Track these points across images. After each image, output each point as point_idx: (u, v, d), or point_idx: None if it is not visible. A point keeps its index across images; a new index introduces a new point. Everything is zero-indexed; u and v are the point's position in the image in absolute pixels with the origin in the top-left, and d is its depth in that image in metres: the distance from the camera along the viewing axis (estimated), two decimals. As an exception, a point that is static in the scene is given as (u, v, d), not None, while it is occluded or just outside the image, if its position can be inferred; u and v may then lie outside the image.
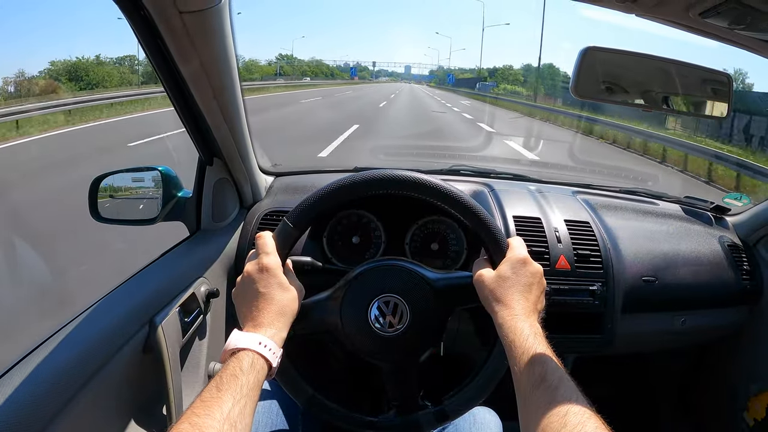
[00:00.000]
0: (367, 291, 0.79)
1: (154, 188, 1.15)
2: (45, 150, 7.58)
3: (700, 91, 0.97)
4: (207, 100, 0.94)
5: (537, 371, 0.62)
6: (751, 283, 1.34)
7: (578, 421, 0.53)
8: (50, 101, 10.61)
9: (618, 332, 1.21)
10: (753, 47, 0.70)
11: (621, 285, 1.21)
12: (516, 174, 1.58)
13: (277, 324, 0.70)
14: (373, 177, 0.80)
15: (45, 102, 10.37)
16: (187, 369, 1.04)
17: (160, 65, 0.85)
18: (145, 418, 0.92)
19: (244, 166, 1.19)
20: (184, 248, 1.13)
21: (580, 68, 0.80)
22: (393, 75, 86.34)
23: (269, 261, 0.74)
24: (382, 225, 1.15)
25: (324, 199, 0.79)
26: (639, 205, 1.46)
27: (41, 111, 9.62)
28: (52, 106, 10.18)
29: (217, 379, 0.60)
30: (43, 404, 0.67)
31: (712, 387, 1.55)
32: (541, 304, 0.77)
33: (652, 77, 0.91)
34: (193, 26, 0.76)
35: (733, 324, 1.38)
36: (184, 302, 0.99)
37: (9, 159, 7.14)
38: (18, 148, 7.74)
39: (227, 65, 0.91)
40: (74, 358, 0.75)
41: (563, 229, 1.23)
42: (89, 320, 0.82)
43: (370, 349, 0.79)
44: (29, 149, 7.74)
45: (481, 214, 0.80)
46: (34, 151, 7.57)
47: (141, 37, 0.78)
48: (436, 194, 0.80)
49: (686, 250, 1.32)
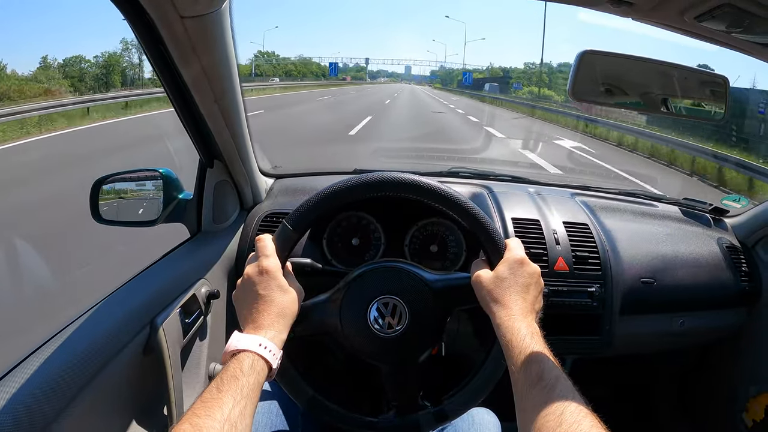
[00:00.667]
0: (366, 292, 0.80)
1: (155, 190, 1.15)
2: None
3: (698, 93, 0.98)
4: (208, 104, 0.95)
5: (534, 370, 0.63)
6: (750, 285, 1.34)
7: (574, 420, 0.54)
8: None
9: (616, 334, 1.21)
10: (749, 50, 0.70)
11: (619, 286, 1.21)
12: (515, 176, 1.59)
13: (277, 326, 0.71)
14: (372, 179, 0.80)
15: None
16: (188, 370, 1.05)
17: (162, 69, 0.86)
18: (146, 418, 0.93)
19: (245, 169, 1.19)
20: (184, 250, 1.14)
21: (578, 71, 0.81)
22: (393, 75, 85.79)
23: (269, 263, 0.75)
24: (381, 227, 1.15)
25: (323, 201, 0.80)
26: (638, 207, 1.46)
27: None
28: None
29: (218, 380, 0.61)
30: (45, 405, 0.67)
31: (710, 388, 1.55)
32: (538, 304, 0.77)
33: (650, 80, 0.92)
34: (195, 31, 0.77)
35: (732, 325, 1.38)
36: (185, 303, 1.00)
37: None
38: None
39: (228, 69, 0.92)
40: (75, 358, 0.75)
41: (562, 231, 1.23)
42: (90, 321, 0.83)
43: (370, 351, 0.80)
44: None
45: (479, 215, 0.80)
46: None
47: (143, 42, 0.79)
48: (434, 196, 0.80)
49: (685, 252, 1.32)
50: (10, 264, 3.46)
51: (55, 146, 8.29)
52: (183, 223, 1.19)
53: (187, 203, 1.17)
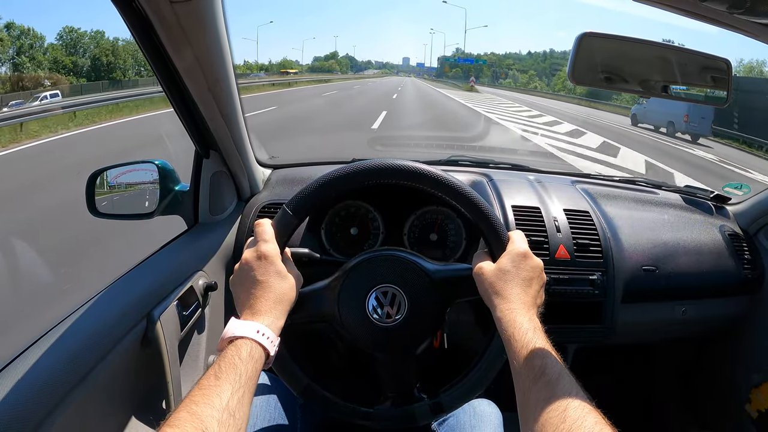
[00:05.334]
0: (365, 281, 0.79)
1: (151, 182, 1.14)
2: None
3: (700, 79, 0.96)
4: (202, 92, 0.94)
5: (536, 365, 0.62)
6: (752, 273, 1.34)
7: (578, 416, 0.53)
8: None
9: (618, 322, 1.20)
10: (752, 32, 0.69)
11: (621, 274, 1.21)
12: (515, 164, 1.58)
13: (274, 312, 0.70)
14: (373, 166, 0.80)
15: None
16: (186, 362, 1.04)
17: (153, 57, 0.85)
18: (145, 411, 0.92)
19: (241, 159, 1.18)
20: (181, 242, 1.13)
21: (577, 55, 0.80)
22: (387, 67, 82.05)
23: (267, 248, 0.74)
24: (380, 216, 1.15)
25: (324, 187, 0.79)
26: (639, 195, 1.45)
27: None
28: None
29: (216, 367, 0.60)
30: (42, 397, 0.67)
31: (713, 378, 1.55)
32: (540, 298, 0.76)
33: (651, 66, 0.91)
34: (185, 16, 0.76)
35: (734, 314, 1.38)
36: (183, 296, 0.99)
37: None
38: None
39: (221, 56, 0.91)
40: (73, 351, 0.75)
41: (562, 218, 1.22)
42: (87, 314, 0.82)
43: (367, 340, 0.79)
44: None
45: (482, 206, 0.79)
46: None
47: (133, 30, 0.78)
48: (436, 185, 0.79)
49: (686, 240, 1.31)
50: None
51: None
52: (180, 215, 1.18)
53: (183, 195, 1.16)
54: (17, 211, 4.59)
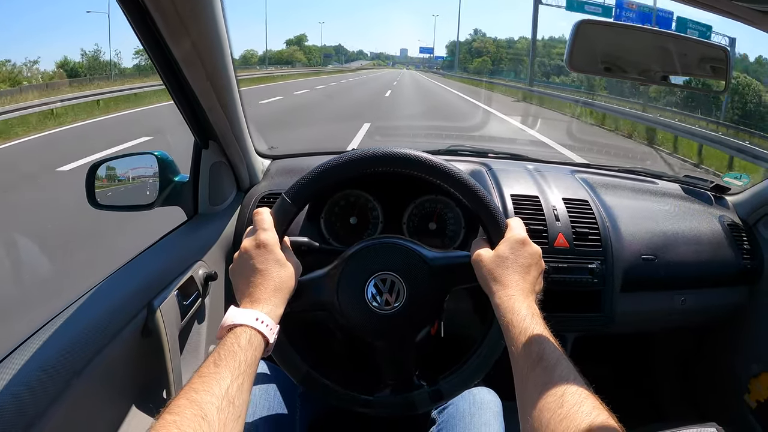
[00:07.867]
0: (363, 269, 0.79)
1: (151, 173, 1.14)
2: None
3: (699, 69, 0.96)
4: (200, 82, 0.94)
5: (534, 351, 0.62)
6: (751, 263, 1.34)
7: (575, 401, 0.53)
8: None
9: (617, 311, 1.21)
10: (750, 19, 0.68)
11: (620, 263, 1.21)
12: (514, 153, 1.58)
13: (273, 300, 0.70)
14: (373, 153, 0.80)
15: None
16: (187, 352, 1.05)
17: (152, 47, 0.84)
18: (146, 401, 0.93)
19: (240, 149, 1.18)
20: (181, 232, 1.13)
21: (574, 42, 0.79)
22: (381, 58, 76.12)
23: (267, 237, 0.74)
24: (379, 205, 1.15)
25: (323, 175, 0.79)
26: (638, 184, 1.45)
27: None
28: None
29: (215, 354, 0.60)
30: (42, 387, 0.67)
31: (712, 367, 1.55)
32: (539, 285, 0.77)
33: (650, 55, 0.90)
34: (183, 5, 0.76)
35: (733, 304, 1.38)
36: (183, 285, 0.99)
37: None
38: None
39: (219, 46, 0.91)
40: (73, 341, 0.75)
41: (561, 207, 1.22)
42: (87, 304, 0.83)
43: (366, 327, 0.79)
44: None
45: (481, 193, 0.79)
46: None
47: (131, 19, 0.77)
48: (436, 173, 0.79)
49: (686, 230, 1.31)
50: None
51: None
52: (179, 205, 1.17)
53: (183, 186, 1.16)
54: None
